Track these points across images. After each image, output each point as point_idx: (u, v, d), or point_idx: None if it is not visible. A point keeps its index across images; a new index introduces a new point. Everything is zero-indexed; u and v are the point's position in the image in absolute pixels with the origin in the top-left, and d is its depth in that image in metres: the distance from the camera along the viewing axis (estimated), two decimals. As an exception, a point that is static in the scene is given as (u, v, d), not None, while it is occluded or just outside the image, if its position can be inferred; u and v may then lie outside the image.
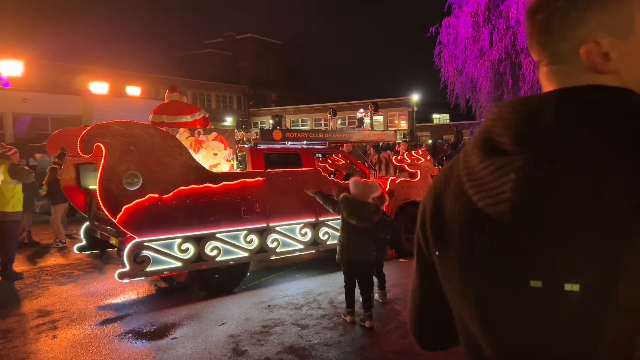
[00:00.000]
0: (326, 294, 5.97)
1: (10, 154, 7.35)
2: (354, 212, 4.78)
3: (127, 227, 5.41)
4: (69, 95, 19.57)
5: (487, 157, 0.79)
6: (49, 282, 6.93)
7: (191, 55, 49.00)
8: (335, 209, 5.05)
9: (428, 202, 0.92)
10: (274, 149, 6.90)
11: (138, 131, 5.45)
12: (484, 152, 0.80)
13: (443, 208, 0.86)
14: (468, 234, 0.81)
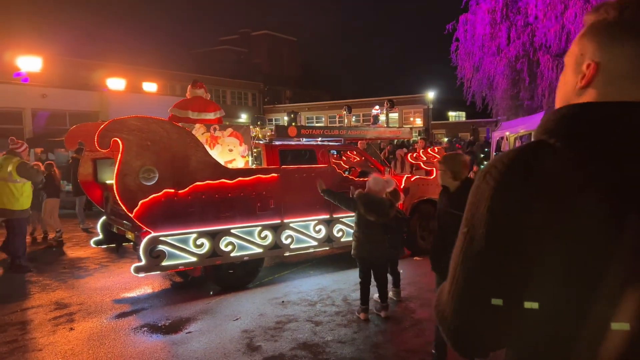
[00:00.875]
0: (340, 291, 5.96)
1: (21, 150, 7.40)
2: (372, 209, 4.77)
3: (144, 222, 5.45)
4: (86, 91, 19.79)
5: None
6: (66, 275, 7.02)
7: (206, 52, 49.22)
8: (350, 206, 5.03)
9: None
10: (289, 146, 6.90)
11: (155, 126, 5.48)
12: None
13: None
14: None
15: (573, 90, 0.99)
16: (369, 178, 5.08)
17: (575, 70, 0.99)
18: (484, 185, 0.93)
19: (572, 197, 0.83)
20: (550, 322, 0.86)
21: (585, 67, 0.96)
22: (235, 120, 36.87)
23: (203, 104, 7.00)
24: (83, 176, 6.96)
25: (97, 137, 5.21)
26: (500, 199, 0.89)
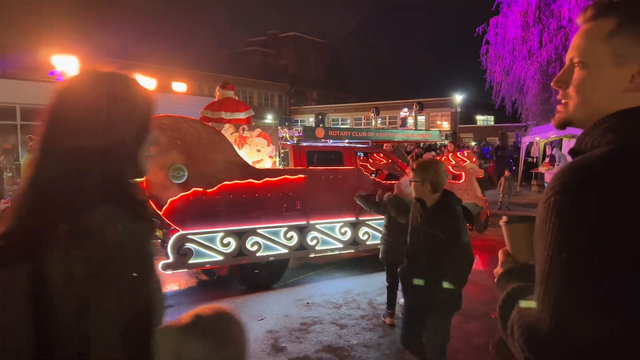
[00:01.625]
0: (365, 294, 5.91)
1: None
2: (404, 211, 4.71)
3: (172, 220, 5.51)
4: (118, 89, 20.19)
5: None
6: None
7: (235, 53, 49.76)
8: (380, 209, 4.99)
9: None
10: (316, 147, 6.89)
11: (185, 125, 5.54)
12: None
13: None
14: None
15: (613, 94, 0.95)
16: (400, 180, 5.03)
17: (612, 73, 0.95)
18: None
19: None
20: None
21: (637, 70, 0.93)
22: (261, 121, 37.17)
23: (234, 104, 7.06)
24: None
25: (129, 135, 5.29)
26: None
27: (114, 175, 1.09)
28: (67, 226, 1.00)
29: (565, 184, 0.89)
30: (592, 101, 0.99)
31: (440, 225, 3.11)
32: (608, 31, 0.96)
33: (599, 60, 0.98)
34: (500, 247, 1.35)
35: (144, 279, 1.07)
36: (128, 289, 1.02)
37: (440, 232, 3.09)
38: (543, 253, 0.90)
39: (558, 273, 0.88)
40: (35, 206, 1.05)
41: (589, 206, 0.85)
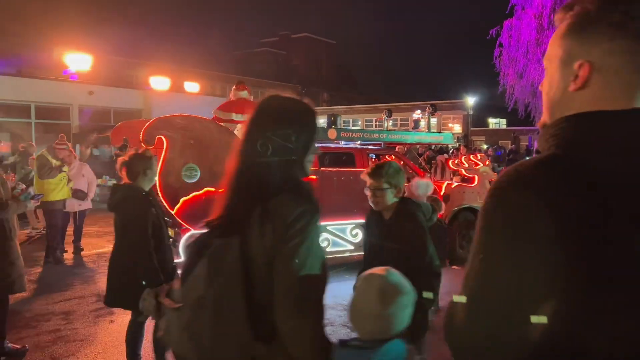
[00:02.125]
0: (376, 297, 5.87)
1: (58, 149, 7.43)
2: None
3: (184, 219, 5.52)
4: (131, 89, 20.36)
5: None
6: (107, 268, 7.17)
7: (247, 54, 49.96)
8: None
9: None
10: (328, 148, 6.87)
11: (198, 125, 5.55)
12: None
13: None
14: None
15: (563, 94, 0.97)
16: (411, 182, 4.98)
17: (562, 73, 0.97)
18: None
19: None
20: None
21: (577, 67, 0.93)
22: (272, 121, 37.18)
23: (247, 105, 7.06)
24: (127, 172, 7.12)
25: (142, 134, 5.32)
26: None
27: (290, 175, 1.48)
28: (260, 209, 1.39)
29: (495, 187, 0.93)
30: (550, 102, 1.02)
31: (403, 237, 2.72)
32: (561, 33, 0.99)
33: (554, 61, 1.01)
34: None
35: (319, 246, 1.44)
36: (305, 255, 1.37)
37: (405, 245, 2.68)
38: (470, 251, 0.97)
39: (474, 271, 0.94)
40: (240, 196, 1.49)
41: (508, 208, 0.88)
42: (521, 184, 0.89)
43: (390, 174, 2.70)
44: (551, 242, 0.83)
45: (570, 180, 0.86)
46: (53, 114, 17.40)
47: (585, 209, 0.83)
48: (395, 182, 2.70)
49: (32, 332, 4.69)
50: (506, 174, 0.93)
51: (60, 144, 7.38)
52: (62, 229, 7.63)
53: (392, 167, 2.75)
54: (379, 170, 2.73)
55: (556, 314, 0.83)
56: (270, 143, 1.47)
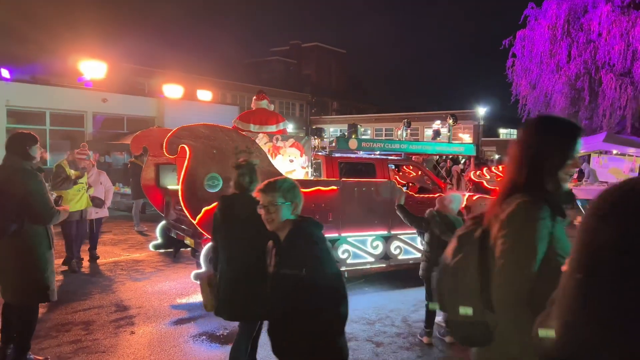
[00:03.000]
0: (398, 311, 5.77)
1: (79, 158, 7.21)
2: (449, 229, 4.57)
3: (206, 229, 5.45)
4: (144, 97, 20.45)
5: None
6: (123, 277, 7.14)
7: (258, 62, 50.17)
8: (422, 225, 4.86)
9: None
10: (349, 158, 6.80)
11: (221, 135, 5.51)
12: None
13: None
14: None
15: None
16: (443, 195, 4.90)
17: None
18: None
19: None
20: None
21: None
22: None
23: (265, 116, 7.02)
24: (146, 180, 7.08)
25: (165, 143, 5.28)
26: None
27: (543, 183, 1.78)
28: (499, 209, 1.78)
29: (600, 205, 0.96)
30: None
31: (297, 259, 2.41)
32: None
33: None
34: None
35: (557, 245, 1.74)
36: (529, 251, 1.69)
37: (298, 268, 2.39)
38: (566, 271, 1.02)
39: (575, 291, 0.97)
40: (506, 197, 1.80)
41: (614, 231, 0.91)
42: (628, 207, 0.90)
43: (285, 189, 2.49)
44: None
45: None
46: (67, 121, 17.48)
47: None
48: (291, 197, 2.49)
49: (54, 343, 4.62)
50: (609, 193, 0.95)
51: (82, 154, 7.28)
52: (80, 238, 7.55)
53: (286, 182, 2.57)
54: (272, 185, 2.52)
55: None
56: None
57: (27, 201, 3.83)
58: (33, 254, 3.90)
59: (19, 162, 3.90)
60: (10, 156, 3.94)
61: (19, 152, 3.92)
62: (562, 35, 21.25)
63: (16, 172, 3.86)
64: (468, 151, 7.61)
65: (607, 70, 20.02)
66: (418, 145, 7.37)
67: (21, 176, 3.86)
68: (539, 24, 21.94)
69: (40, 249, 3.94)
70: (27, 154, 3.94)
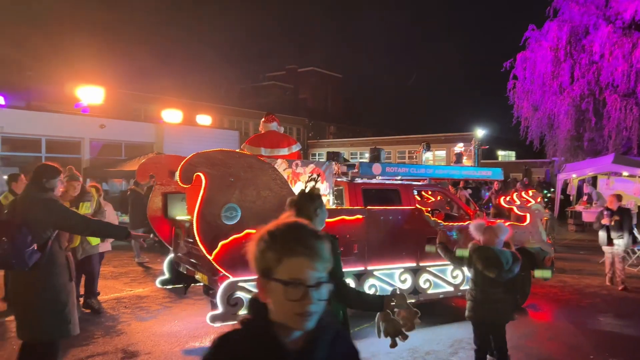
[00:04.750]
0: (436, 353, 5.22)
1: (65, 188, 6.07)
2: (493, 264, 4.10)
3: (223, 265, 4.94)
4: (143, 122, 20.04)
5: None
6: (128, 316, 6.57)
7: (254, 87, 50.12)
8: (464, 262, 4.38)
9: None
10: (373, 184, 6.34)
11: (239, 161, 5.04)
12: None
13: None
14: None
15: None
16: (494, 225, 4.41)
17: None
18: None
19: None
20: None
21: None
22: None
23: (276, 139, 6.57)
24: (152, 211, 6.55)
25: (180, 171, 4.79)
26: None
27: None
28: None
29: None
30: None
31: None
32: None
33: None
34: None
35: None
36: None
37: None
38: None
39: None
40: None
41: None
42: None
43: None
44: None
45: None
46: (64, 148, 16.99)
47: None
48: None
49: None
50: None
51: (71, 180, 6.33)
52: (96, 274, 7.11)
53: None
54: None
55: None
56: None
57: (58, 223, 3.80)
58: (54, 286, 3.76)
59: (36, 192, 3.84)
60: (29, 186, 3.93)
61: (37, 184, 3.88)
62: (564, 56, 21.16)
63: (35, 202, 3.81)
64: (495, 175, 7.18)
65: (611, 91, 19.86)
66: (444, 170, 6.93)
67: (41, 205, 3.78)
68: (540, 45, 21.86)
69: (61, 280, 3.80)
70: (44, 186, 3.85)
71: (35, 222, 3.73)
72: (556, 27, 21.62)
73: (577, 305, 7.23)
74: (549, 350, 5.46)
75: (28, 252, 3.60)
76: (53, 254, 3.79)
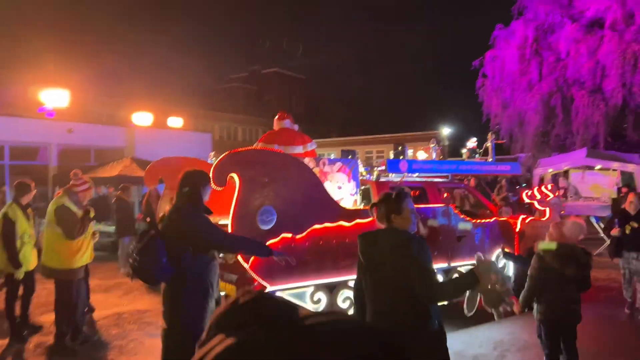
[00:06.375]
0: (483, 357, 5.00)
1: (80, 190, 5.63)
2: (571, 261, 3.89)
3: (259, 273, 4.55)
4: (113, 126, 19.10)
5: None
6: (137, 333, 6.03)
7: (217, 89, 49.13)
8: (535, 264, 4.13)
9: None
10: (401, 183, 6.07)
11: (273, 160, 4.68)
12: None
13: None
14: None
15: None
16: (564, 222, 4.21)
17: None
18: None
19: None
20: None
21: None
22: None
23: (290, 136, 6.21)
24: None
25: (212, 172, 4.37)
26: None
27: None
28: None
29: None
30: None
31: None
32: None
33: None
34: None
35: None
36: None
37: None
38: None
39: None
40: None
41: None
42: None
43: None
44: None
45: None
46: (29, 155, 15.92)
47: None
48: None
49: None
50: None
51: (82, 183, 5.72)
52: (82, 303, 5.90)
53: None
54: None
55: None
56: None
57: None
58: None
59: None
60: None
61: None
62: (531, 54, 21.65)
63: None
64: (514, 170, 7.07)
65: (578, 87, 20.45)
66: (467, 166, 6.76)
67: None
68: (509, 44, 22.30)
69: None
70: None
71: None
72: (522, 26, 22.12)
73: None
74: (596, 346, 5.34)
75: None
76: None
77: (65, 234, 5.23)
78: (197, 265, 3.36)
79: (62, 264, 5.31)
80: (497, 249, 6.16)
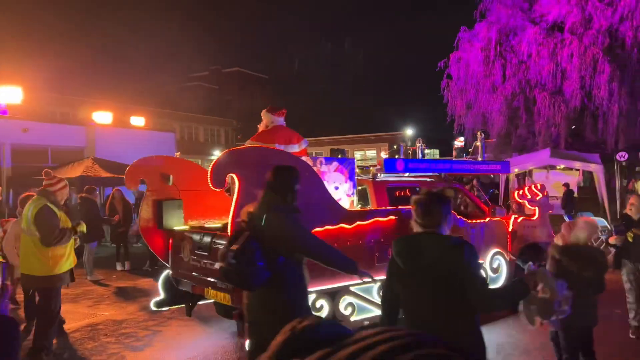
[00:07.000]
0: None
1: (56, 189, 5.20)
2: (589, 262, 3.78)
3: (261, 281, 4.23)
4: (72, 125, 18.15)
5: None
6: (114, 345, 5.58)
7: (177, 89, 47.87)
8: (553, 267, 4.00)
9: None
10: (397, 182, 5.88)
11: (274, 159, 4.37)
12: None
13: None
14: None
15: None
16: (576, 222, 4.10)
17: None
18: None
19: None
20: None
21: None
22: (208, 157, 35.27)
23: (288, 135, 5.87)
24: (144, 221, 5.61)
25: (211, 172, 4.05)
26: None
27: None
28: None
29: None
30: None
31: None
32: None
33: None
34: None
35: None
36: None
37: None
38: None
39: None
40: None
41: None
42: None
43: None
44: None
45: None
46: (-21, 155, 14.90)
47: None
48: None
49: None
50: None
51: (57, 182, 5.24)
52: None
53: None
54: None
55: None
56: None
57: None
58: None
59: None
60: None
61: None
62: (494, 56, 22.06)
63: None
64: (505, 170, 7.03)
65: (540, 89, 20.98)
66: (460, 165, 6.64)
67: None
68: (472, 46, 22.66)
69: None
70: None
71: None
72: (486, 28, 22.53)
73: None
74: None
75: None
76: None
77: (42, 238, 4.76)
78: (292, 271, 3.16)
79: (47, 270, 4.92)
80: (491, 249, 6.08)
